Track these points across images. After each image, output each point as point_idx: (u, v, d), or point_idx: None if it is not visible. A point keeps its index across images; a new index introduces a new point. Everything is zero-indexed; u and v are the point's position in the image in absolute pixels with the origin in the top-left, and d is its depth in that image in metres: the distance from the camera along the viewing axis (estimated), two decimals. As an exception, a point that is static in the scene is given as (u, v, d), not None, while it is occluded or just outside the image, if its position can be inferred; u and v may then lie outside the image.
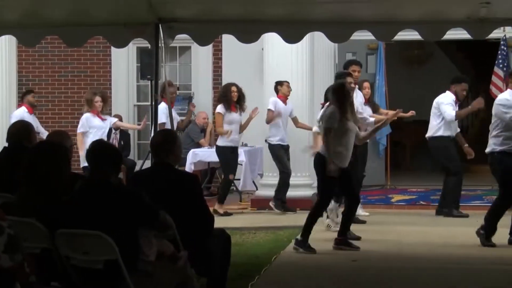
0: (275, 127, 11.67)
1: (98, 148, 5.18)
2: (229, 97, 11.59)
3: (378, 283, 7.26)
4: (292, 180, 11.78)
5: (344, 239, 8.81)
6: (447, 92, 11.28)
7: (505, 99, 8.92)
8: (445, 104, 11.10)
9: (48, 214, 4.84)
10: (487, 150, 8.97)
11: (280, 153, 11.68)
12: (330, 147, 8.50)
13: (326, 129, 8.64)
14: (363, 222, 10.47)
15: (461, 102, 11.35)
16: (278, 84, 11.74)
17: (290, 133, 11.91)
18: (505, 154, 8.79)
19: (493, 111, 8.96)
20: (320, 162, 8.70)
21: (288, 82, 11.70)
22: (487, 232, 8.84)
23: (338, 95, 8.65)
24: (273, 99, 11.71)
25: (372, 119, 10.04)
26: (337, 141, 8.55)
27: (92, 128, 11.93)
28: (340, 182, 8.73)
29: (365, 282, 7.31)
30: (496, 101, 9.06)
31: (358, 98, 10.33)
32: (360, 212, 11.04)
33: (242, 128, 11.87)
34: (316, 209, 8.83)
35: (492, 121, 8.99)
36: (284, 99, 11.71)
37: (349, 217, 8.94)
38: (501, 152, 8.82)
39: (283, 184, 11.62)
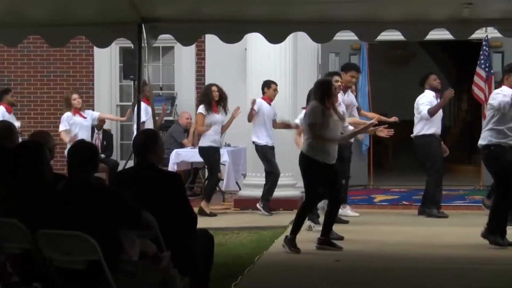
0: (262, 128, 11.65)
1: (73, 148, 5.19)
2: (210, 97, 11.59)
3: (361, 283, 7.28)
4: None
5: (326, 239, 8.81)
6: (426, 91, 11.37)
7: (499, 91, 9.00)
8: (421, 104, 11.24)
9: (30, 215, 4.83)
10: (482, 143, 8.93)
11: (268, 153, 11.68)
12: (325, 138, 8.52)
13: (311, 124, 8.61)
14: (346, 222, 10.48)
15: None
16: (266, 85, 11.71)
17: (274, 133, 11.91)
18: (500, 147, 8.80)
19: (491, 103, 8.96)
20: (303, 162, 8.71)
21: (276, 85, 11.67)
22: (496, 232, 8.77)
23: (322, 90, 8.66)
24: (257, 100, 11.70)
25: (350, 127, 10.01)
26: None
27: (74, 125, 11.90)
28: (324, 181, 8.75)
29: (348, 282, 7.32)
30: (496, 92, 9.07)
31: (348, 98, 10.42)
32: (349, 212, 11.09)
33: (224, 128, 11.87)
34: (303, 210, 8.84)
35: (488, 113, 9.01)
36: (269, 101, 11.70)
37: (330, 217, 8.94)
38: (496, 145, 8.83)
39: (273, 185, 11.63)
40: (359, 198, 12.91)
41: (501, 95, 8.86)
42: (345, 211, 10.97)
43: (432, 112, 11.17)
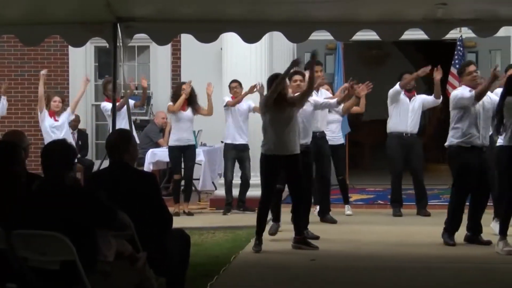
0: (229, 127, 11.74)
1: (46, 148, 5.17)
2: (180, 95, 11.63)
3: (337, 282, 7.30)
4: (252, 180, 11.79)
5: (302, 238, 8.82)
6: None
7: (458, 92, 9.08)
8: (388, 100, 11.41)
9: (5, 215, 4.79)
10: (446, 143, 9.06)
11: (229, 154, 11.74)
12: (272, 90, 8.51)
13: (262, 116, 8.74)
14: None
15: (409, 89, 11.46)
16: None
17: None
18: (460, 148, 8.87)
19: (451, 103, 9.06)
20: (260, 159, 8.79)
21: (235, 82, 11.69)
22: (449, 228, 8.91)
23: (270, 84, 8.69)
24: (225, 97, 11.79)
25: (334, 100, 9.98)
26: (278, 129, 8.56)
27: (48, 127, 11.73)
28: (287, 179, 8.77)
29: (323, 281, 7.34)
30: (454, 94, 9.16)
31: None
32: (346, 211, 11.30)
33: (208, 109, 11.82)
34: (259, 209, 8.85)
35: (451, 114, 9.07)
36: (234, 98, 11.72)
37: (296, 216, 8.94)
38: (456, 146, 8.91)
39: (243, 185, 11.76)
40: (335, 197, 12.91)
41: (459, 91, 8.98)
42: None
43: (403, 84, 11.22)
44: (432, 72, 10.91)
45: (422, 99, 11.50)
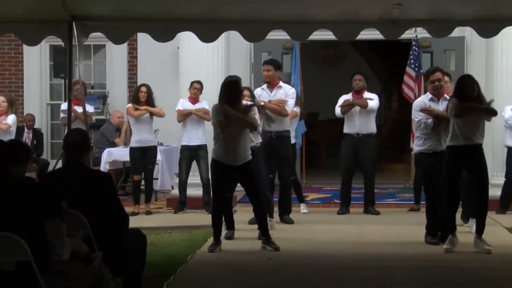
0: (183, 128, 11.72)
1: None
2: (138, 97, 11.63)
3: (293, 281, 7.31)
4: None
5: (266, 238, 8.81)
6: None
7: (419, 101, 9.20)
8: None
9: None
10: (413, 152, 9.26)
11: (183, 154, 11.73)
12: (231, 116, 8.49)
13: (214, 124, 8.73)
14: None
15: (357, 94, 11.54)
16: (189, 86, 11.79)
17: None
18: (422, 154, 9.00)
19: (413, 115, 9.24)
20: (211, 163, 8.87)
21: (196, 83, 11.66)
22: (429, 229, 9.01)
23: (225, 89, 8.71)
24: (180, 100, 11.75)
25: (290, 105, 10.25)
26: (228, 138, 8.58)
27: None
28: (242, 184, 8.85)
29: (279, 280, 7.35)
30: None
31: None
32: (302, 209, 11.28)
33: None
34: (212, 214, 8.89)
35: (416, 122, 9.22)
36: (192, 100, 11.68)
37: (257, 221, 8.99)
38: (419, 153, 9.08)
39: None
40: (292, 196, 12.96)
41: (418, 102, 9.18)
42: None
43: (342, 111, 11.35)
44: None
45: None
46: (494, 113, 8.71)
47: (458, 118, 8.41)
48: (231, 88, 8.68)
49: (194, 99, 11.65)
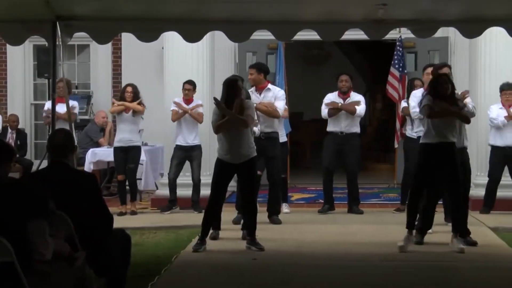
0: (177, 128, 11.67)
1: None
2: (124, 97, 11.60)
3: (278, 281, 7.31)
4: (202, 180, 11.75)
5: (251, 239, 8.81)
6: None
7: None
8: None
9: None
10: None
11: (176, 154, 11.70)
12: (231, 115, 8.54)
13: (213, 124, 8.76)
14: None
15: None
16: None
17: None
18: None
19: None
20: (216, 162, 8.81)
21: (187, 84, 11.62)
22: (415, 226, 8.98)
23: (226, 88, 8.79)
24: (176, 99, 11.72)
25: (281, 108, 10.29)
26: (228, 136, 8.61)
27: None
28: (240, 182, 8.81)
29: (264, 280, 7.35)
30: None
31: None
32: (284, 209, 11.19)
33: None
34: (206, 209, 8.89)
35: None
36: (186, 101, 11.66)
37: (246, 220, 9.00)
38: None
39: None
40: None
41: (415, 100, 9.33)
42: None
43: (329, 114, 11.36)
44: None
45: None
46: (466, 120, 8.78)
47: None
48: (227, 87, 8.77)
49: (187, 100, 11.63)
